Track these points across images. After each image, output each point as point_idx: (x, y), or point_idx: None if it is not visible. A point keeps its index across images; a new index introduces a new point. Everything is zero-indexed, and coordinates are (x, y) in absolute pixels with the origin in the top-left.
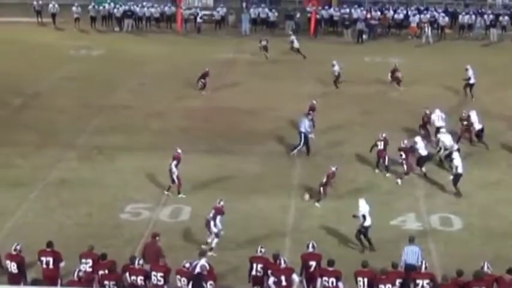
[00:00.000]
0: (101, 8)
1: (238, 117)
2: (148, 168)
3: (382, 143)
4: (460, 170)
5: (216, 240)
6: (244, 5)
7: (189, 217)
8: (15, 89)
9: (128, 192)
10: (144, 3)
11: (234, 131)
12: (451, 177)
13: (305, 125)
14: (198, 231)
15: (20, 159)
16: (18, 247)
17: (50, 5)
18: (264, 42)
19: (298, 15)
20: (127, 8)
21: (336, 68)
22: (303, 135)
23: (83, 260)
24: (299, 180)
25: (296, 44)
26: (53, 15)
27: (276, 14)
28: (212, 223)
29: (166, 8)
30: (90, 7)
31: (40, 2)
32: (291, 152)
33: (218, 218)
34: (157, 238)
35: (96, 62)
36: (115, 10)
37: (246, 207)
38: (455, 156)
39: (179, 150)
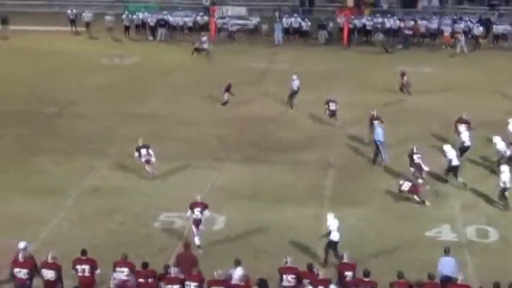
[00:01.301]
0: (134, 17)
1: (271, 126)
2: (181, 177)
3: (419, 155)
4: (508, 184)
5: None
6: (277, 14)
7: (224, 226)
8: (49, 98)
9: (161, 201)
10: (178, 13)
11: (267, 140)
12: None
13: (378, 133)
14: (232, 240)
15: (53, 167)
16: (54, 255)
17: (84, 14)
18: None
19: (331, 24)
20: (160, 17)
21: (295, 82)
22: (377, 143)
23: (118, 269)
24: (331, 190)
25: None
26: (87, 24)
27: (309, 23)
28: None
29: (199, 17)
30: (123, 16)
31: (74, 11)
32: (373, 163)
33: (205, 212)
34: (190, 247)
35: (129, 70)
36: (148, 19)
37: (277, 216)
38: (504, 169)
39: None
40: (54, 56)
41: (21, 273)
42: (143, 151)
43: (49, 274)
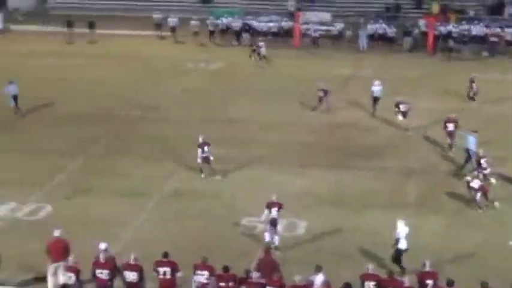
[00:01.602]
0: (219, 21)
1: (354, 132)
2: (264, 182)
3: (486, 158)
4: None
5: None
6: (362, 20)
7: (305, 231)
8: (135, 101)
9: (243, 205)
10: (262, 18)
11: (350, 146)
12: None
13: (471, 142)
14: (314, 245)
15: (137, 170)
16: (136, 257)
17: (170, 19)
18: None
19: (416, 31)
20: (245, 22)
21: (377, 88)
22: (469, 152)
23: (198, 272)
24: (414, 196)
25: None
26: (173, 29)
27: (394, 29)
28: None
29: (283, 23)
30: (208, 21)
31: (160, 16)
32: (460, 169)
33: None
34: (271, 252)
35: (214, 75)
36: (233, 24)
37: (359, 222)
38: None
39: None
40: (140, 60)
41: (103, 274)
42: (205, 148)
43: (131, 276)
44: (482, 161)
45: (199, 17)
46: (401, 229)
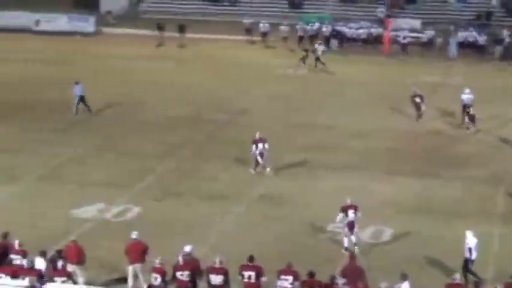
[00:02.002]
0: (308, 27)
1: (442, 140)
2: (351, 188)
3: None
4: None
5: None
6: (452, 27)
7: (390, 239)
8: (222, 105)
9: (329, 211)
10: (352, 24)
11: (437, 154)
12: None
13: None
14: (399, 253)
15: (224, 173)
16: (221, 260)
17: (261, 24)
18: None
19: (507, 39)
20: (334, 27)
21: (467, 96)
22: None
23: (282, 277)
24: (502, 207)
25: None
26: (263, 34)
27: (485, 37)
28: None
29: (373, 29)
30: (298, 26)
31: (251, 21)
32: None
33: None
34: (356, 258)
35: (302, 81)
36: (323, 29)
37: (446, 232)
38: None
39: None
40: (229, 65)
41: (183, 275)
42: (260, 145)
43: (217, 279)
44: None
45: (289, 23)
46: (470, 240)
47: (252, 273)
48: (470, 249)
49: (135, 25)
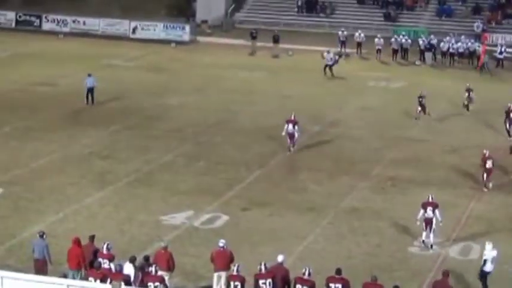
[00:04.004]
0: (403, 40)
1: None
2: (442, 204)
3: None
4: None
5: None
6: None
7: (478, 256)
8: (315, 116)
9: (417, 226)
10: (448, 38)
11: None
12: None
13: None
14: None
15: (315, 185)
16: (310, 271)
17: (356, 34)
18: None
19: None
20: (429, 41)
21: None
22: None
23: None
24: None
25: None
26: (358, 44)
27: None
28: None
29: (470, 44)
30: (392, 39)
31: (345, 33)
32: None
33: (437, 212)
34: (449, 276)
35: (396, 94)
36: (420, 42)
37: None
38: None
39: None
40: (322, 76)
41: (265, 284)
42: (290, 125)
43: None
44: None
45: (383, 35)
46: (488, 252)
47: (339, 285)
48: (485, 261)
49: (230, 35)
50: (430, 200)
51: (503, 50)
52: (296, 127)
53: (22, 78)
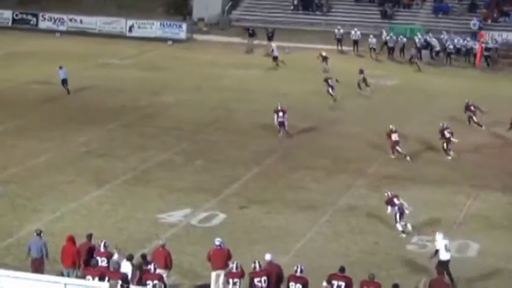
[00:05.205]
0: (399, 39)
1: None
2: (437, 202)
3: None
4: None
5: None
6: None
7: (476, 254)
8: (311, 114)
9: (415, 223)
10: (444, 36)
11: None
12: None
13: None
14: (485, 269)
15: (313, 183)
16: (302, 268)
17: (353, 32)
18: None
19: None
20: (425, 39)
21: None
22: None
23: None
24: None
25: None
26: (355, 42)
27: None
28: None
29: (466, 42)
30: (387, 37)
31: (341, 31)
32: None
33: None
34: (444, 274)
35: (391, 92)
36: (416, 40)
37: None
38: None
39: None
40: (318, 73)
41: (260, 281)
42: (280, 114)
43: (297, 287)
44: None
45: (378, 33)
46: (440, 241)
47: (342, 284)
48: (437, 251)
49: (227, 32)
50: (390, 195)
51: (498, 47)
52: (286, 115)
53: (17, 76)
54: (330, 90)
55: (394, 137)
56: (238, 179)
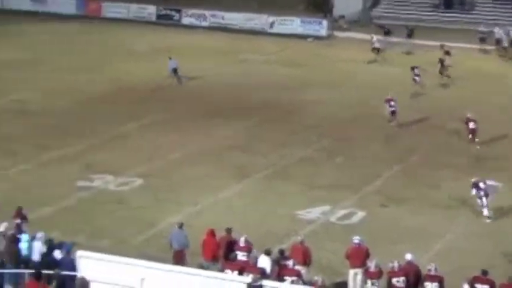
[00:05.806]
0: None
1: None
2: None
3: None
4: None
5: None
6: None
7: None
8: (452, 113)
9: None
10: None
11: None
12: None
13: None
14: None
15: (454, 182)
16: (436, 267)
17: (495, 30)
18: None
19: None
20: None
21: None
22: None
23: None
24: None
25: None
26: (498, 41)
27: None
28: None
29: None
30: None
31: (485, 30)
32: None
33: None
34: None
35: None
36: None
37: None
38: None
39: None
40: (461, 73)
41: (399, 282)
42: (392, 103)
43: (433, 286)
44: None
45: None
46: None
47: (486, 287)
48: None
49: (368, 30)
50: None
51: None
52: (396, 104)
53: (160, 71)
54: (417, 79)
55: (471, 125)
56: (378, 177)
